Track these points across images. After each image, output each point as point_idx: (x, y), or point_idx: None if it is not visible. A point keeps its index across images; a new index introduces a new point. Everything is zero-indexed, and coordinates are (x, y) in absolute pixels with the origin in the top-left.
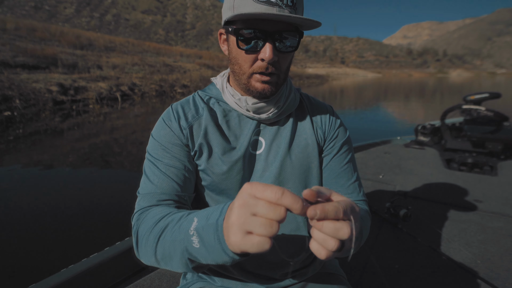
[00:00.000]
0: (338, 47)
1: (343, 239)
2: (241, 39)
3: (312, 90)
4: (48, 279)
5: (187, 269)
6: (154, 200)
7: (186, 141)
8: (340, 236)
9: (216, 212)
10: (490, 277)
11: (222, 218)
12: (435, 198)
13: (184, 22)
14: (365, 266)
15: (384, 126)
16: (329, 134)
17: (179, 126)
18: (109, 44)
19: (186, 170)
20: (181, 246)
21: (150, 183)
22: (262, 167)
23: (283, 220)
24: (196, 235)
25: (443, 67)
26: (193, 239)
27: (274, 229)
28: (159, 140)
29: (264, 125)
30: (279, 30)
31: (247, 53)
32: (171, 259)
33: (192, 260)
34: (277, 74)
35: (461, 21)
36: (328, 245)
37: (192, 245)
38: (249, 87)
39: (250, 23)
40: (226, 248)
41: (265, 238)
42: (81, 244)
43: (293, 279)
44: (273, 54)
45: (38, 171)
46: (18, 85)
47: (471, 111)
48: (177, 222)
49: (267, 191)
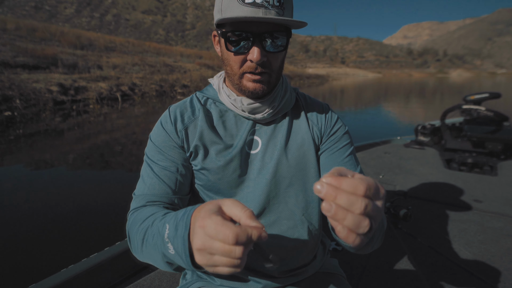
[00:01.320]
0: (338, 47)
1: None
2: (230, 41)
3: (312, 90)
4: (48, 279)
5: (170, 269)
6: (144, 201)
7: (181, 143)
8: (368, 211)
9: (182, 224)
10: (490, 277)
11: (187, 233)
12: (435, 198)
13: (184, 22)
14: (365, 266)
15: (384, 126)
16: (326, 131)
17: (175, 129)
18: (109, 44)
19: (180, 172)
20: (160, 251)
21: (144, 185)
22: (259, 166)
23: (245, 254)
24: (170, 243)
25: (443, 67)
26: (169, 246)
27: (238, 263)
28: (156, 143)
29: (260, 125)
30: (266, 31)
31: (236, 55)
32: (155, 261)
33: (171, 263)
34: (268, 73)
35: (461, 21)
36: (360, 226)
37: (169, 251)
38: (241, 87)
39: (237, 25)
40: (191, 266)
41: (233, 268)
42: (81, 244)
43: (292, 279)
44: (261, 55)
45: (38, 171)
46: (18, 85)
47: (471, 111)
48: (156, 224)
49: (220, 235)
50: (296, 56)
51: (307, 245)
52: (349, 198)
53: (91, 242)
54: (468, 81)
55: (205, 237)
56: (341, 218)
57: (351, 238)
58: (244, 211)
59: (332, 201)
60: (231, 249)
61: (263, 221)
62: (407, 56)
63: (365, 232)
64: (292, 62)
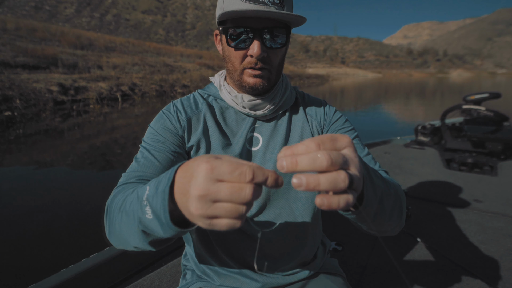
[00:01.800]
0: (339, 47)
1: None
2: (231, 37)
3: (312, 90)
4: (48, 279)
5: (144, 243)
6: (134, 178)
7: (182, 132)
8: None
9: (164, 179)
10: (490, 277)
11: (168, 186)
12: (435, 198)
13: (185, 22)
14: (365, 266)
15: (384, 126)
16: (325, 122)
17: (177, 118)
18: (109, 44)
19: (175, 157)
20: (136, 216)
21: (136, 164)
22: (260, 163)
23: (256, 198)
24: (148, 205)
25: (443, 67)
26: (147, 210)
27: (243, 210)
28: (155, 128)
29: (261, 122)
30: (266, 27)
31: (237, 50)
32: (129, 234)
33: (147, 233)
34: (268, 69)
35: (461, 21)
36: (338, 181)
37: (146, 216)
38: (242, 83)
39: (238, 21)
40: (171, 223)
41: (234, 220)
42: (81, 244)
43: (292, 278)
44: (261, 50)
45: (38, 171)
46: (18, 85)
47: (471, 111)
48: (137, 190)
49: (236, 172)
50: (296, 56)
51: (307, 242)
52: (308, 157)
53: (91, 242)
54: (468, 81)
55: (210, 180)
56: (316, 184)
57: (339, 201)
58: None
59: (295, 169)
60: (242, 187)
61: (264, 217)
62: (407, 56)
63: (346, 185)
64: (292, 62)
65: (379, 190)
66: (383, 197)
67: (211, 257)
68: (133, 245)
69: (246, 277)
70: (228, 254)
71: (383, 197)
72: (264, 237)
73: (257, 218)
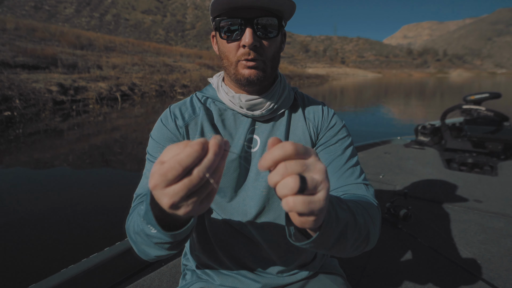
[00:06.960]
0: (338, 47)
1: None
2: (223, 29)
3: (312, 90)
4: (48, 279)
5: (164, 251)
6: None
7: (182, 139)
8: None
9: (147, 195)
10: (491, 277)
11: (148, 203)
12: (435, 198)
13: (184, 22)
14: (365, 266)
15: (384, 126)
16: (322, 126)
17: (176, 125)
18: (109, 44)
19: None
20: (144, 234)
21: (143, 181)
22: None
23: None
24: (146, 222)
25: (443, 67)
26: (149, 227)
27: (195, 180)
28: (156, 139)
29: (259, 123)
30: (257, 16)
31: (230, 42)
32: (149, 249)
33: (160, 243)
34: (262, 60)
35: (461, 21)
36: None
37: (151, 231)
38: (237, 75)
39: (230, 13)
40: (162, 230)
41: (194, 197)
42: (81, 244)
43: (292, 278)
44: (253, 39)
45: (38, 171)
46: (18, 85)
47: (471, 111)
48: (137, 209)
49: (175, 153)
50: (296, 56)
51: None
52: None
53: (91, 242)
54: (468, 81)
55: (159, 167)
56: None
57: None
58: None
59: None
60: (178, 158)
61: (264, 219)
62: (407, 56)
63: (295, 190)
64: (292, 62)
65: (342, 223)
66: (347, 229)
67: (211, 258)
68: (154, 255)
69: (246, 277)
70: (228, 256)
71: (347, 229)
72: (265, 239)
73: (257, 221)
